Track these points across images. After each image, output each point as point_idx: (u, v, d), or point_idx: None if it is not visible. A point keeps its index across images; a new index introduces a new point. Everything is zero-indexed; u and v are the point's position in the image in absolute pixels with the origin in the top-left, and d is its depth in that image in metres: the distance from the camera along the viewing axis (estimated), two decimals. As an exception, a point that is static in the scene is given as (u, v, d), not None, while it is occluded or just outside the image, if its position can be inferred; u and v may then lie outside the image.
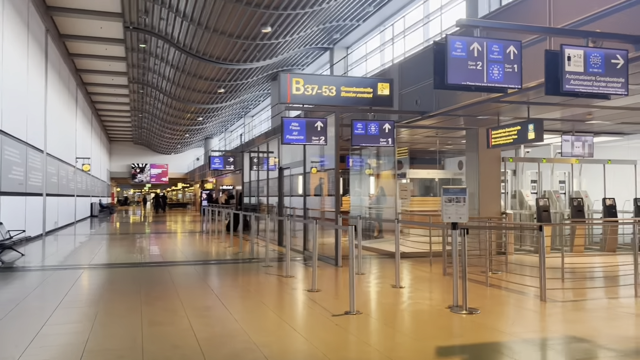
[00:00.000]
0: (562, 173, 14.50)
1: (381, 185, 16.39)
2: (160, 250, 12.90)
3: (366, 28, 18.80)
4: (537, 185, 14.48)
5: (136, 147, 57.41)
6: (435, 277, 8.63)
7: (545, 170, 14.25)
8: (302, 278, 8.53)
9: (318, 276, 8.54)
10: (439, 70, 5.39)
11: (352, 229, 5.97)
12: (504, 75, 5.48)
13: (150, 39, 19.99)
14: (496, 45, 5.44)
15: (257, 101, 32.75)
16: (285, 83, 9.55)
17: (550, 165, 14.00)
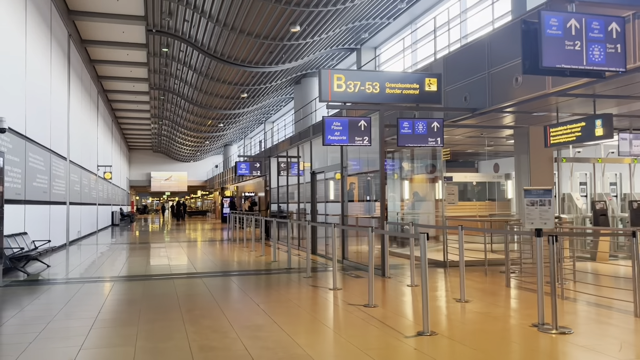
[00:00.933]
0: (612, 174, 13.63)
1: (415, 190, 15.63)
2: (190, 260, 12.27)
3: (396, 26, 18.09)
4: (587, 188, 13.62)
5: (155, 155, 57.26)
6: (498, 289, 7.85)
7: (597, 172, 13.39)
8: (352, 291, 7.80)
9: (367, 288, 7.82)
10: (529, 52, 4.67)
11: (423, 237, 5.23)
12: (606, 56, 4.73)
13: (173, 42, 19.49)
14: (596, 22, 4.70)
15: (278, 106, 32.18)
16: (326, 80, 8.88)
17: (601, 166, 13.12)
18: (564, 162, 11.39)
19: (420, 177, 15.46)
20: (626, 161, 12.51)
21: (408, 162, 15.49)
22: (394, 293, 7.65)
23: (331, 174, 13.58)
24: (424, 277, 5.27)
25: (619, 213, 11.99)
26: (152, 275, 9.85)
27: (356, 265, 10.69)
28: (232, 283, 8.71)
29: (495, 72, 9.03)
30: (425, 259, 5.25)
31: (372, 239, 6.83)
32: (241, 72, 20.49)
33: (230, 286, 8.41)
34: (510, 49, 8.59)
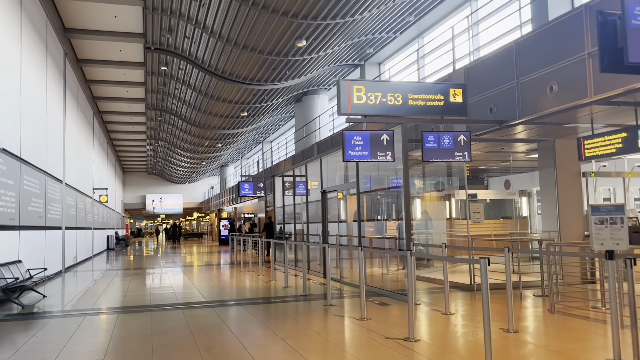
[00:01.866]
0: (636, 189, 13.07)
1: (424, 209, 14.99)
2: (196, 287, 11.50)
3: (402, 41, 17.62)
4: (611, 203, 13.04)
5: (150, 178, 56.47)
6: (543, 316, 7.15)
7: (618, 186, 12.84)
8: (383, 321, 7.08)
9: (398, 317, 7.12)
10: (608, 47, 4.06)
11: (484, 262, 4.56)
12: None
13: (172, 60, 18.92)
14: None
15: (277, 125, 31.61)
16: (345, 91, 8.27)
17: (624, 181, 12.55)
18: (592, 177, 10.79)
19: (430, 195, 14.84)
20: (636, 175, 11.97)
21: (419, 179, 14.88)
22: (432, 323, 6.94)
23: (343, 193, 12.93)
24: (485, 309, 4.59)
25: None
26: (157, 305, 9.08)
27: (377, 290, 9.98)
28: (248, 313, 7.97)
29: (525, 81, 8.46)
30: (487, 287, 4.58)
31: (411, 263, 6.14)
32: (242, 90, 19.92)
33: (246, 317, 7.67)
34: (543, 56, 8.04)
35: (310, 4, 12.50)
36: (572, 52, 7.46)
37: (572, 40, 7.45)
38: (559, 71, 7.71)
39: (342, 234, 13.68)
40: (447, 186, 15.85)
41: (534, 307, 7.86)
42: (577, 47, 7.37)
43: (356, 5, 12.93)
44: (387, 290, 9.78)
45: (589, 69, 7.19)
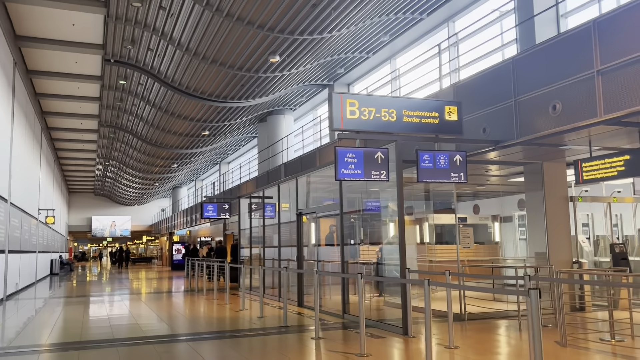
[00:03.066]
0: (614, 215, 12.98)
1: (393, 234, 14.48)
2: (159, 317, 10.48)
3: (374, 62, 17.29)
4: (590, 229, 12.89)
5: (97, 199, 54.16)
6: (557, 351, 6.63)
7: (597, 212, 12.71)
8: (386, 357, 6.39)
9: (401, 352, 6.45)
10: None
11: (535, 294, 3.97)
12: None
13: (132, 74, 17.92)
14: None
15: (237, 146, 30.72)
16: (337, 105, 7.68)
17: (603, 206, 12.42)
18: (580, 202, 10.54)
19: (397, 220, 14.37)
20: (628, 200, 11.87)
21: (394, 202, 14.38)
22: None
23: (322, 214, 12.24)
24: (537, 345, 3.98)
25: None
26: (122, 339, 8.06)
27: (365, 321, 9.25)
28: (232, 350, 7.10)
29: (523, 100, 8.10)
30: (539, 321, 3.99)
31: (428, 291, 5.50)
32: (206, 107, 19.07)
33: (229, 355, 6.81)
34: (545, 73, 7.70)
35: (289, 17, 11.94)
36: (579, 69, 7.13)
37: (579, 56, 7.13)
38: (564, 89, 7.37)
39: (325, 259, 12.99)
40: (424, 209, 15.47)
41: (540, 339, 7.34)
42: (584, 64, 7.05)
43: (335, 21, 12.47)
44: (373, 320, 9.09)
45: (599, 87, 6.86)
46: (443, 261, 14.51)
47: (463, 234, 10.71)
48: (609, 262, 10.50)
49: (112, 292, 17.27)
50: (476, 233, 16.71)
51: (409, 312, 7.78)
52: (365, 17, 13.11)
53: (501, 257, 15.44)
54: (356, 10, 12.20)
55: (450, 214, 18.51)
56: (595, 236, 12.35)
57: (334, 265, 13.31)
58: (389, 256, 12.90)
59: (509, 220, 15.64)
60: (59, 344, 7.78)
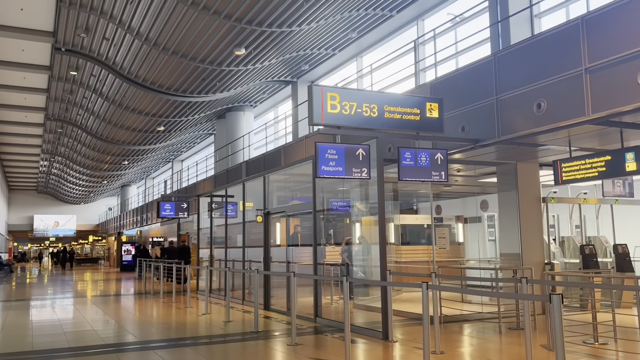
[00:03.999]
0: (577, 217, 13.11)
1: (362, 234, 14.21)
2: (117, 323, 9.79)
3: (339, 59, 16.96)
4: (555, 230, 12.96)
5: (39, 197, 51.66)
6: (548, 356, 6.45)
7: (562, 213, 12.80)
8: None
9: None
10: None
11: (558, 300, 3.69)
12: None
13: (85, 64, 16.95)
14: None
15: (192, 143, 29.81)
16: (318, 98, 7.28)
17: (568, 207, 12.53)
18: (552, 203, 10.52)
19: (367, 219, 14.12)
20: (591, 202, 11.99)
21: (362, 202, 14.10)
22: (429, 365, 5.98)
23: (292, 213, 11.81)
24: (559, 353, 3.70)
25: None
26: (80, 348, 7.38)
27: (338, 325, 8.90)
28: (201, 357, 6.58)
29: (506, 98, 7.93)
30: (561, 329, 3.71)
31: (426, 295, 5.17)
32: (163, 101, 18.28)
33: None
34: (529, 71, 7.54)
35: (258, 7, 11.45)
36: (566, 67, 6.99)
37: (566, 54, 7.00)
38: (549, 87, 7.22)
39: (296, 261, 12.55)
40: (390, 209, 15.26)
41: (521, 344, 7.16)
42: (572, 62, 6.92)
43: (305, 14, 12.06)
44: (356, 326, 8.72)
45: (586, 86, 6.73)
46: (409, 262, 14.37)
47: (439, 235, 10.50)
48: (579, 264, 10.53)
49: (60, 295, 16.24)
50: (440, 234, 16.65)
51: (389, 316, 7.46)
52: (335, 11, 12.77)
53: (465, 258, 15.41)
54: (328, 3, 11.84)
55: (413, 214, 18.49)
56: (561, 237, 12.43)
57: (301, 267, 12.93)
58: (357, 257, 12.63)
59: (474, 221, 15.64)
60: (7, 354, 7.04)
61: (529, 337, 5.38)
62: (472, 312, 9.63)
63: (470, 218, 15.97)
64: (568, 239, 12.17)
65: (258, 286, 8.82)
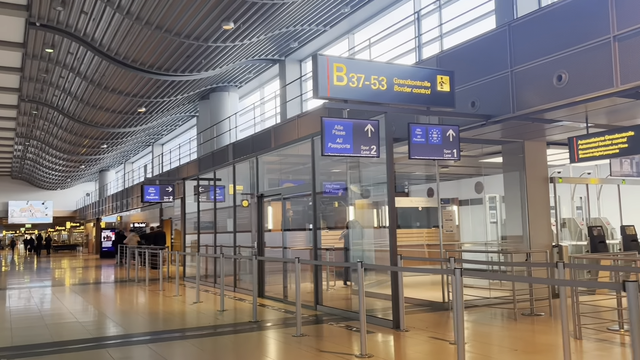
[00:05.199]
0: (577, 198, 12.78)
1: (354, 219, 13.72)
2: (104, 313, 9.17)
3: (330, 36, 16.29)
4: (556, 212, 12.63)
5: (13, 183, 50.12)
6: (575, 346, 6.02)
7: (564, 194, 12.44)
8: (391, 357, 5.55)
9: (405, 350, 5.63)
10: None
11: (635, 288, 3.21)
12: None
13: (61, 41, 16.00)
14: None
15: (173, 126, 28.90)
16: (323, 69, 6.69)
17: (570, 188, 12.17)
18: (560, 183, 10.11)
19: (360, 203, 13.63)
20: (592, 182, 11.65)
21: (357, 185, 13.59)
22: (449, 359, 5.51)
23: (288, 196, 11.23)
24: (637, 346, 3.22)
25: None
26: (65, 342, 6.76)
27: (341, 313, 8.41)
28: (204, 354, 6.02)
29: (521, 71, 7.42)
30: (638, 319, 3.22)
31: (459, 282, 4.67)
32: (145, 81, 17.44)
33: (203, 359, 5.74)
34: (548, 41, 7.03)
35: (249, -23, 10.75)
36: (591, 35, 6.49)
37: (592, 21, 6.50)
38: (572, 58, 6.73)
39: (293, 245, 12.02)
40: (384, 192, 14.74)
41: (546, 332, 6.76)
42: (598, 30, 6.42)
43: (299, -16, 11.39)
44: (353, 312, 8.25)
45: (615, 55, 6.25)
46: (404, 245, 13.93)
47: (446, 217, 10.04)
48: (587, 246, 10.19)
49: (39, 283, 15.47)
50: (433, 217, 16.25)
51: (400, 303, 6.97)
52: (330, -17, 12.11)
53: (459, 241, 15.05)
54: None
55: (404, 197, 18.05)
56: (562, 219, 12.09)
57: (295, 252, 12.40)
58: (356, 241, 12.13)
59: (468, 204, 15.25)
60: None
61: (566, 326, 4.92)
62: (478, 298, 9.21)
63: (465, 201, 15.59)
64: (569, 220, 11.84)
65: (255, 273, 8.25)
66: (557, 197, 10.10)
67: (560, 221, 12.16)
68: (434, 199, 16.80)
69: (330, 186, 13.75)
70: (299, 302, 6.90)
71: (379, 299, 9.79)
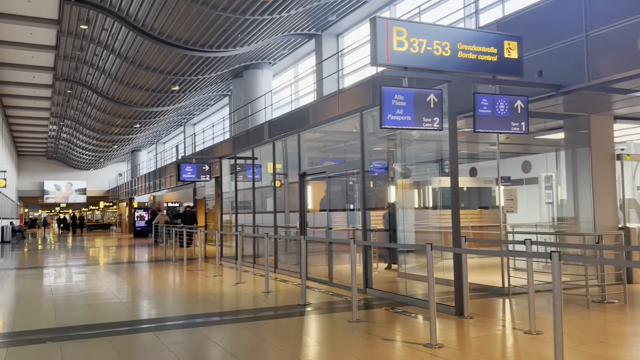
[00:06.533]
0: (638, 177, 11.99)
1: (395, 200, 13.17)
2: (144, 294, 8.90)
3: (370, 8, 15.62)
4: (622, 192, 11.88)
5: (49, 163, 50.81)
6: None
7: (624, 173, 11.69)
8: (468, 349, 5.06)
9: (481, 340, 5.13)
10: None
11: None
12: None
13: (96, 16, 15.70)
14: None
15: (205, 105, 28.64)
16: (382, 34, 6.14)
17: (631, 166, 11.39)
18: (627, 160, 9.40)
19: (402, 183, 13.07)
20: None
21: (399, 164, 13.01)
22: (531, 352, 4.99)
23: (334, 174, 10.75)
24: None
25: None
26: (109, 324, 6.45)
27: (393, 297, 7.95)
28: (258, 339, 5.63)
29: (599, 35, 6.73)
30: None
31: (558, 267, 4.13)
32: (179, 57, 17.07)
33: (263, 347, 5.34)
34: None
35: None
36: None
37: (688, -24, 5.79)
38: (662, 18, 6.03)
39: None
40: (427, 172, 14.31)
41: (627, 321, 6.18)
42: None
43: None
44: (406, 296, 7.77)
45: None
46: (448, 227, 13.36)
47: (506, 197, 9.43)
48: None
49: (77, 262, 15.41)
50: (480, 197, 15.61)
51: (465, 289, 6.47)
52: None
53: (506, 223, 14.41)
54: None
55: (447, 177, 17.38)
56: (620, 200, 11.35)
57: (337, 233, 11.99)
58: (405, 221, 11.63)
59: (518, 184, 14.56)
60: (28, 332, 6.12)
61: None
62: (540, 282, 8.62)
63: (513, 180, 14.90)
64: (629, 201, 11.09)
65: (305, 255, 7.81)
66: (623, 176, 9.40)
67: (619, 202, 11.44)
68: (478, 178, 16.17)
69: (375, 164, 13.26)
70: (355, 285, 6.44)
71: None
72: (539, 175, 11.58)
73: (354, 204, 12.49)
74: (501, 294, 8.04)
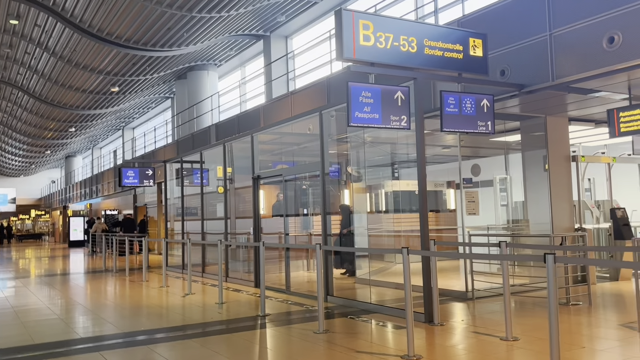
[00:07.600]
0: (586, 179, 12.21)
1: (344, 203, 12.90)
2: (87, 309, 8.16)
3: (322, 9, 15.31)
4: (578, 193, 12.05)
5: (-26, 169, 47.69)
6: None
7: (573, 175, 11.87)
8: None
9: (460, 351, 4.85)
10: None
11: None
12: None
13: (27, 10, 14.63)
14: None
15: (146, 108, 27.53)
16: (348, 27, 5.83)
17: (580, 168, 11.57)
18: (583, 161, 9.48)
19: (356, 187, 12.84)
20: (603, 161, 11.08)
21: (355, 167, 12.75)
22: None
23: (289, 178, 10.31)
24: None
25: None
26: (50, 345, 5.74)
27: (357, 304, 7.59)
28: (217, 355, 5.13)
29: (563, 34, 6.66)
30: None
31: (552, 271, 3.86)
32: (120, 57, 16.20)
33: (220, 363, 4.85)
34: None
35: None
36: (653, -10, 5.78)
37: (653, -26, 5.77)
38: (627, 16, 6.00)
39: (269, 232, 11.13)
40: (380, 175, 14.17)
41: (600, 324, 6.08)
42: (661, -17, 5.71)
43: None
44: (369, 304, 7.44)
45: (682, 11, 5.54)
46: (404, 231, 13.20)
47: (468, 199, 9.28)
48: (609, 229, 9.60)
49: (6, 275, 14.21)
50: (430, 200, 15.56)
51: (434, 295, 6.18)
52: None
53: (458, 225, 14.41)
54: None
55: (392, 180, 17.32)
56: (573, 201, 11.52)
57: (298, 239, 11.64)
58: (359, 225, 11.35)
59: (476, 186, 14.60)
60: None
61: None
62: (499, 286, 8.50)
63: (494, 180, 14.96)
64: (583, 202, 11.27)
65: (262, 262, 7.33)
66: (578, 177, 9.48)
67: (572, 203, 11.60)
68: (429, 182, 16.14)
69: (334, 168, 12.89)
70: (321, 294, 6.02)
71: (389, 287, 9.02)
72: (494, 177, 11.59)
73: (308, 209, 12.14)
74: (464, 299, 7.85)
